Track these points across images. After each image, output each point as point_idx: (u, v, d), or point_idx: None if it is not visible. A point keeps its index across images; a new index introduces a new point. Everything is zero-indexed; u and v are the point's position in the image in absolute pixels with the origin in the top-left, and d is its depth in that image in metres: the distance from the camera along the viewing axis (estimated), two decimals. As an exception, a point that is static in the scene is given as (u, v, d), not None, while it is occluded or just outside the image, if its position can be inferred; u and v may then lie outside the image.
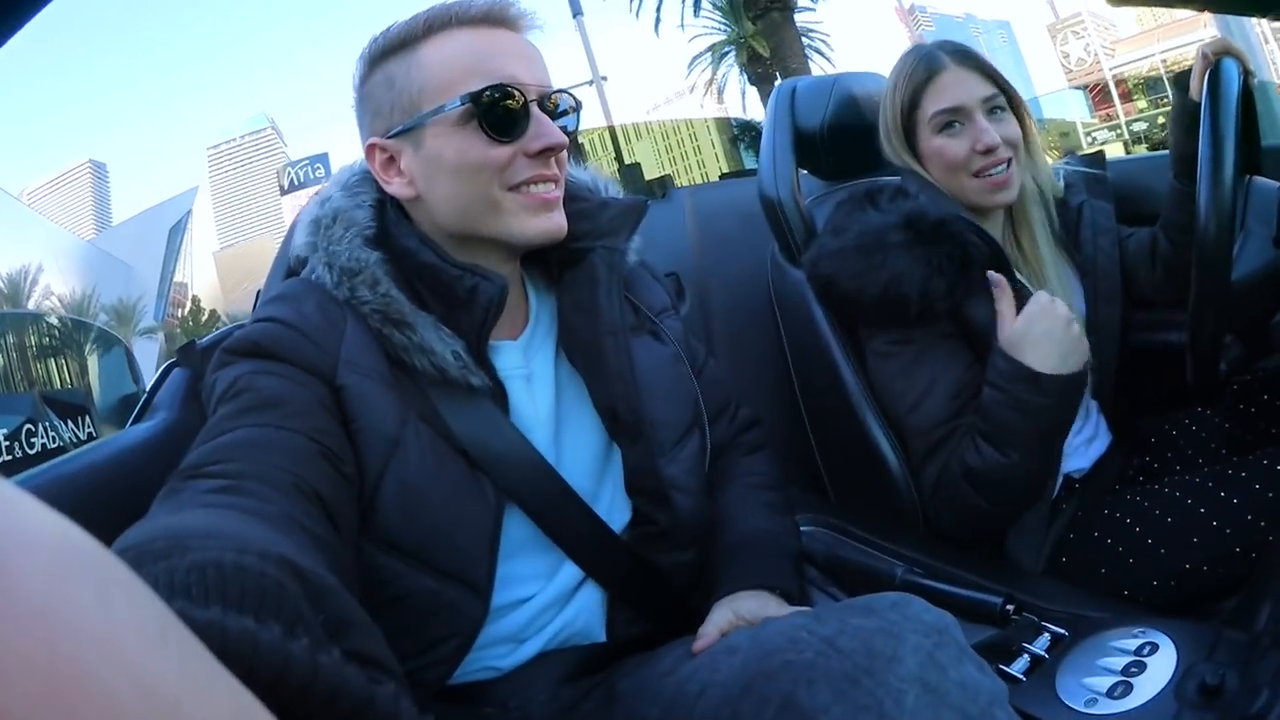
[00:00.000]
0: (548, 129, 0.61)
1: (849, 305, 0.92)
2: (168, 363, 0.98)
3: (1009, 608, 0.71)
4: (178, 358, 0.97)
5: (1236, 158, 0.73)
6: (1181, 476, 0.90)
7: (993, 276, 0.85)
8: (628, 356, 0.67)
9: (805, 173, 1.20)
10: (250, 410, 0.53)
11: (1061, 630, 0.71)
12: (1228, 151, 0.73)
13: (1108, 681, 0.63)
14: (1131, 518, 0.87)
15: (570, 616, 0.66)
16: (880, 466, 0.94)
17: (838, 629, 0.50)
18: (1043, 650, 0.69)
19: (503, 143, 0.60)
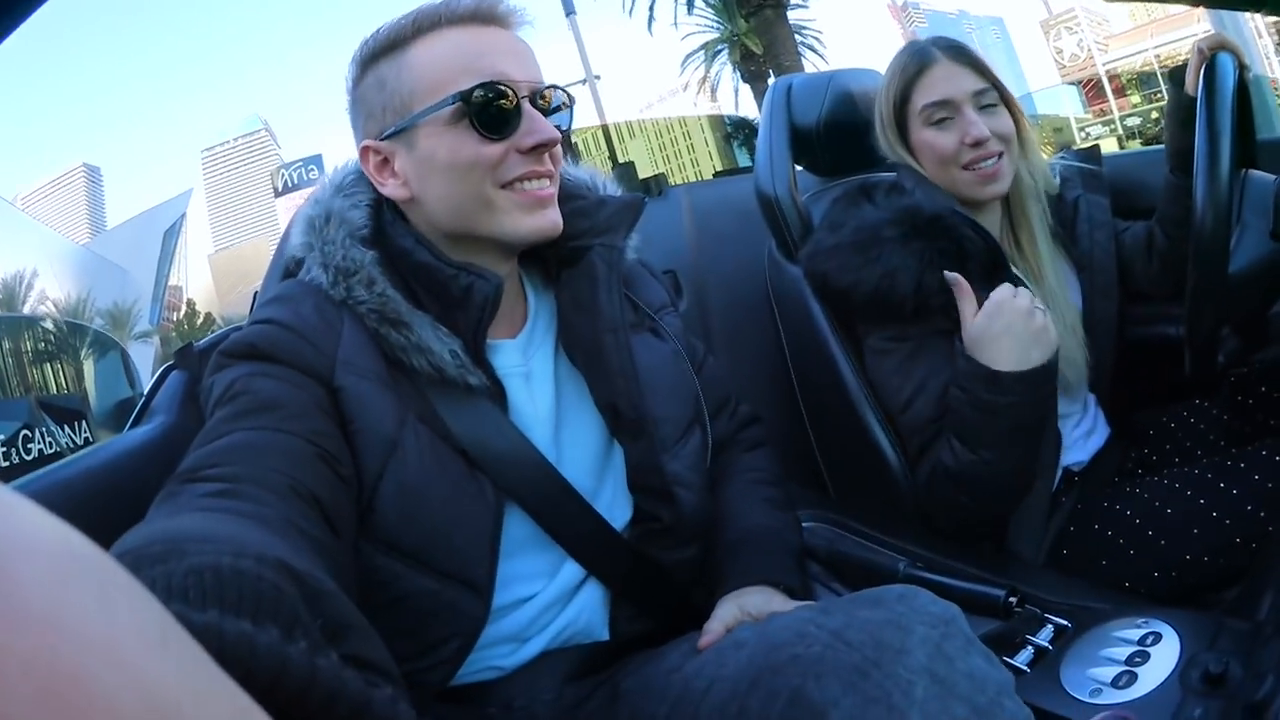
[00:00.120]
0: (540, 125, 0.61)
1: (845, 301, 0.92)
2: (165, 366, 0.97)
3: (1011, 600, 0.71)
4: (175, 360, 0.96)
5: (1232, 151, 0.73)
6: (1180, 468, 0.90)
7: (950, 276, 0.83)
8: (628, 353, 0.66)
9: (801, 169, 1.20)
10: (247, 413, 0.53)
11: (1064, 622, 0.71)
12: (1224, 145, 0.73)
13: (1112, 671, 0.63)
14: (1131, 510, 0.87)
15: (573, 615, 0.66)
16: (879, 462, 0.94)
17: (845, 622, 0.50)
18: (1046, 642, 0.69)
19: (494, 140, 0.60)
